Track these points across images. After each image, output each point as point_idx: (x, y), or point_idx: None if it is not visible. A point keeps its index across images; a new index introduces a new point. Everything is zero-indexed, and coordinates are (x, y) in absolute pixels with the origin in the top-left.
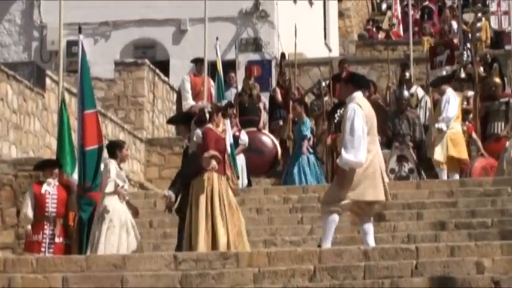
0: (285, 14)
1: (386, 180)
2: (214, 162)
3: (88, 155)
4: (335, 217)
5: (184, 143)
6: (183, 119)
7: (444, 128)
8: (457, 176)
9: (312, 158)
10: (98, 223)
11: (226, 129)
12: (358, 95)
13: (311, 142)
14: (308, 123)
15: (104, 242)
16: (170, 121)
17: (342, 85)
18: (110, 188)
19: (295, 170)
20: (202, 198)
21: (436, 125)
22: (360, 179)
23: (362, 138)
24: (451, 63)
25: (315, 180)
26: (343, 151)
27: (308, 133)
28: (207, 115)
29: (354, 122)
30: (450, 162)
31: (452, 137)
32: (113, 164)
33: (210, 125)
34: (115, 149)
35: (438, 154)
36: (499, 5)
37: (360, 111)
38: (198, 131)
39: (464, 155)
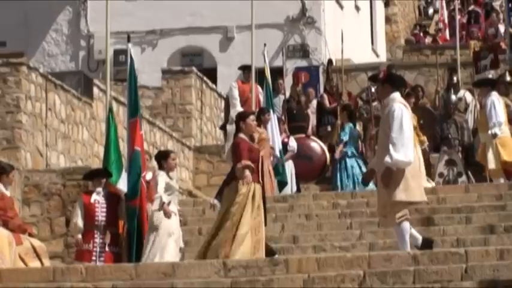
0: (332, 20)
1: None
2: (247, 173)
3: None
4: (405, 225)
5: None
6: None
7: (498, 133)
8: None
9: (350, 161)
10: (148, 234)
11: (268, 136)
12: (398, 96)
13: (360, 147)
14: (347, 129)
15: (148, 254)
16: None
17: (379, 86)
18: (155, 205)
19: (335, 175)
20: (229, 207)
21: (490, 132)
22: (409, 179)
23: (411, 138)
24: (495, 67)
25: (352, 183)
26: (392, 150)
27: (345, 138)
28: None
29: (403, 121)
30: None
31: (501, 142)
32: (161, 176)
33: (242, 135)
34: (160, 159)
35: (492, 163)
36: None
37: (406, 112)
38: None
39: None
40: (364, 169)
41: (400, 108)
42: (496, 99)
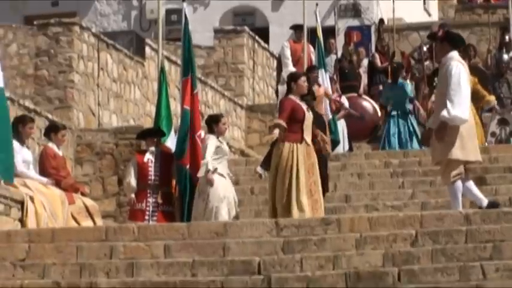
0: None
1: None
2: (276, 131)
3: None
4: (458, 184)
5: None
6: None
7: None
8: None
9: (388, 121)
10: (198, 198)
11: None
12: (456, 55)
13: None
14: (408, 86)
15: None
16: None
17: (438, 44)
18: (200, 172)
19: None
20: (272, 168)
21: None
22: (465, 137)
23: (468, 96)
24: None
25: (386, 143)
26: (449, 105)
27: (411, 94)
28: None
29: (461, 78)
30: None
31: None
32: (211, 140)
33: (291, 96)
34: (211, 123)
35: None
36: None
37: (464, 70)
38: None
39: None
40: (403, 129)
41: (458, 67)
42: None
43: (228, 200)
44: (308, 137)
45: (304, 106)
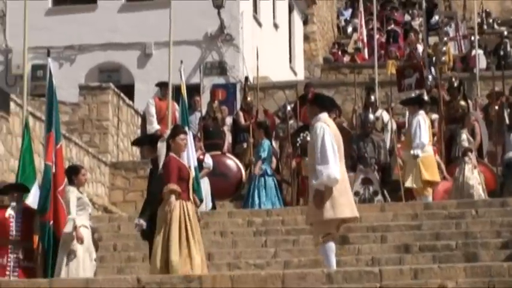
0: (250, 37)
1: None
2: (173, 198)
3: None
4: (330, 244)
5: (149, 166)
6: (147, 141)
7: (420, 154)
8: (430, 199)
9: (269, 180)
10: (61, 250)
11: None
12: (324, 116)
13: (274, 165)
14: (265, 145)
15: (65, 269)
16: (135, 143)
17: (308, 106)
18: (68, 228)
19: (251, 193)
20: (163, 226)
21: (412, 152)
22: (336, 196)
23: (333, 155)
24: (420, 86)
25: (269, 203)
26: (317, 170)
27: (263, 154)
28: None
29: (324, 138)
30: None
31: (424, 161)
32: (72, 193)
33: (172, 154)
34: (71, 174)
35: (409, 181)
36: (457, 30)
37: (328, 130)
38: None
39: (437, 177)
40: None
41: (321, 127)
42: (422, 118)
43: (89, 250)
44: (191, 195)
45: (187, 164)
